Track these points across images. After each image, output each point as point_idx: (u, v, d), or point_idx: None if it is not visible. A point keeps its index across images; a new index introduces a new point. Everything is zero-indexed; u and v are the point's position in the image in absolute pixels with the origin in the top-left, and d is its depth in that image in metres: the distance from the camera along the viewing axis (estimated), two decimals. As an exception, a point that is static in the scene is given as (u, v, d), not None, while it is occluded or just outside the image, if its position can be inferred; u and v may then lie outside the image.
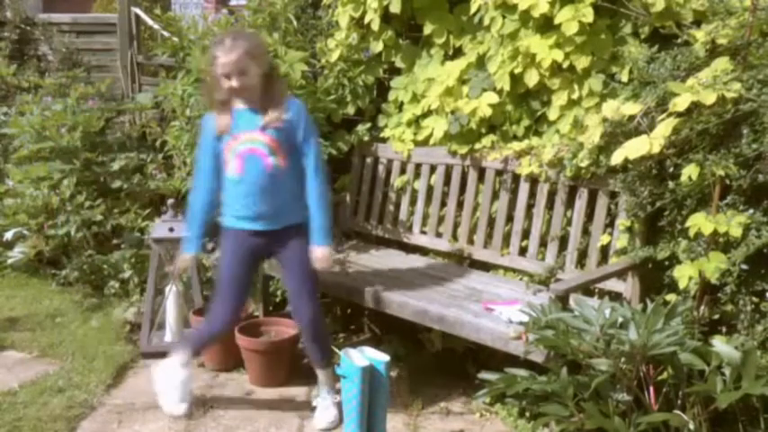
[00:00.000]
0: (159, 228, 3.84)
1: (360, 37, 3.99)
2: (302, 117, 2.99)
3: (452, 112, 3.59)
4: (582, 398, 2.47)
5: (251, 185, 2.98)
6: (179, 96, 4.03)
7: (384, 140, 4.00)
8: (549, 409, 2.49)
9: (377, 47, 3.96)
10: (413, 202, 3.90)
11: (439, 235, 3.76)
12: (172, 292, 3.81)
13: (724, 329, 2.75)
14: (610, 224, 3.19)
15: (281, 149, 2.96)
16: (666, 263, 2.89)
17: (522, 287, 3.33)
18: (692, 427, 2.37)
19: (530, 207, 3.45)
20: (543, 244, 3.40)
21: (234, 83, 2.88)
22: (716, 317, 2.77)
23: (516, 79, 3.41)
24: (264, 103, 2.95)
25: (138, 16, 5.73)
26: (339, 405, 3.05)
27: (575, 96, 3.26)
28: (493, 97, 3.48)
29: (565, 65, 3.23)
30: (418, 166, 3.86)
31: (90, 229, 4.59)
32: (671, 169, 2.82)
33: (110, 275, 4.48)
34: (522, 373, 2.59)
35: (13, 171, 4.84)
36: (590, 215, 3.24)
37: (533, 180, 3.41)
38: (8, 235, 4.66)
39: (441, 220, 3.77)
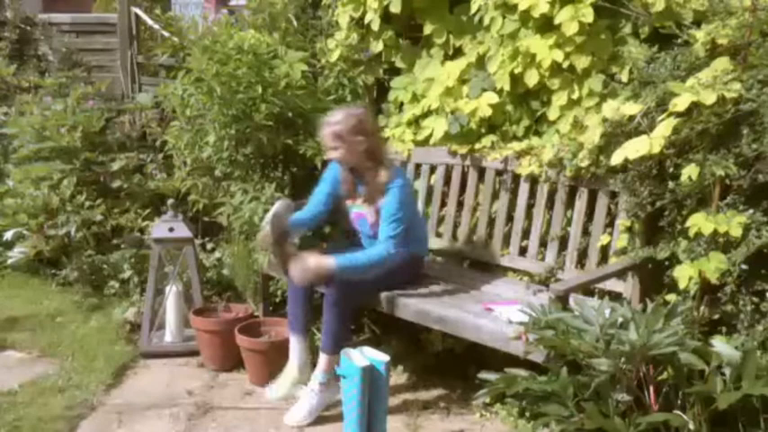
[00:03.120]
0: (159, 228, 3.84)
1: (360, 37, 3.99)
2: (395, 196, 3.20)
3: (452, 113, 3.59)
4: (582, 398, 2.47)
5: (363, 237, 3.43)
6: (179, 96, 4.03)
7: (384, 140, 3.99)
8: (549, 409, 2.48)
9: (377, 47, 3.96)
10: (413, 202, 3.90)
11: (439, 235, 3.76)
12: (172, 292, 3.81)
13: (724, 329, 2.74)
14: (610, 224, 3.19)
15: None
16: (666, 263, 2.88)
17: (522, 287, 3.33)
18: (691, 427, 2.37)
19: (530, 207, 3.44)
20: (543, 244, 3.39)
21: (326, 154, 3.32)
22: (716, 317, 2.77)
23: (516, 79, 3.41)
24: (367, 176, 3.26)
25: (138, 16, 5.73)
26: (316, 404, 3.13)
27: (575, 96, 3.26)
28: (493, 97, 3.48)
29: (565, 65, 3.24)
30: (418, 166, 3.86)
31: (90, 229, 4.59)
32: (671, 169, 2.82)
33: (110, 275, 4.48)
34: (522, 373, 2.59)
35: (13, 171, 4.85)
36: (590, 215, 3.24)
37: (533, 180, 3.41)
38: (8, 235, 4.66)
39: (441, 220, 3.77)
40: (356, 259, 3.18)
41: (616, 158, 2.75)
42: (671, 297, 2.82)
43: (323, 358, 3.17)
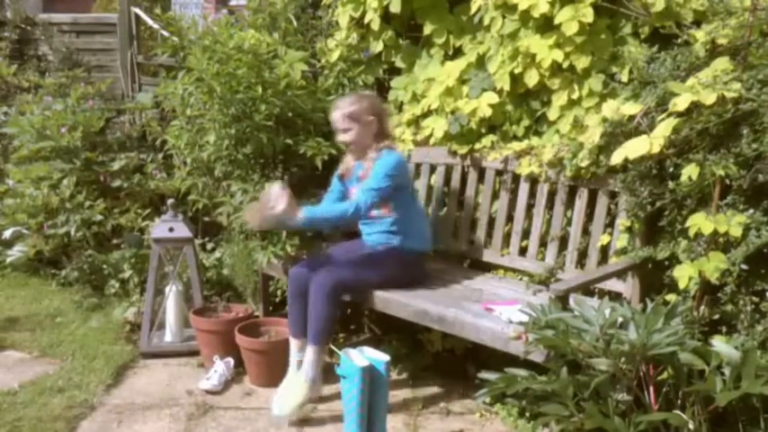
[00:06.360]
0: (159, 228, 3.85)
1: (360, 37, 3.99)
2: (381, 163, 3.24)
3: (452, 112, 3.59)
4: (582, 398, 2.47)
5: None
6: (179, 96, 4.03)
7: (384, 140, 3.99)
8: (549, 408, 2.49)
9: (377, 47, 3.96)
10: (413, 202, 3.90)
11: (439, 235, 3.75)
12: (172, 292, 3.82)
13: (724, 329, 2.75)
14: (610, 224, 3.19)
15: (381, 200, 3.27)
16: (666, 263, 2.89)
17: (522, 287, 3.33)
18: (691, 426, 2.37)
19: (530, 207, 3.45)
20: (543, 244, 3.40)
21: (337, 137, 3.39)
22: (716, 317, 2.77)
23: (516, 79, 3.41)
24: (369, 156, 3.32)
25: (138, 16, 5.74)
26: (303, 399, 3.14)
27: (575, 96, 3.26)
28: (493, 97, 3.48)
29: (565, 65, 3.23)
30: (418, 166, 3.86)
31: (90, 228, 4.59)
32: (671, 169, 2.82)
33: (110, 275, 4.49)
34: (522, 373, 2.59)
35: (13, 171, 4.85)
36: (590, 215, 3.24)
37: (533, 180, 3.41)
38: (7, 234, 4.66)
39: (441, 220, 3.77)
40: (320, 212, 3.25)
41: (616, 158, 2.75)
42: (671, 297, 2.83)
43: (310, 350, 3.19)
